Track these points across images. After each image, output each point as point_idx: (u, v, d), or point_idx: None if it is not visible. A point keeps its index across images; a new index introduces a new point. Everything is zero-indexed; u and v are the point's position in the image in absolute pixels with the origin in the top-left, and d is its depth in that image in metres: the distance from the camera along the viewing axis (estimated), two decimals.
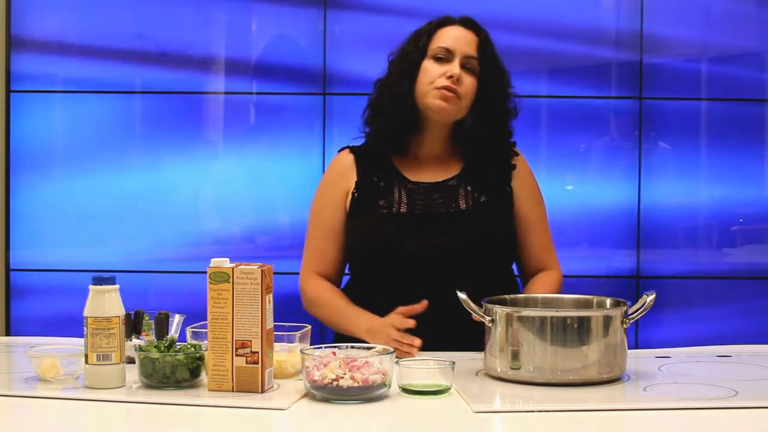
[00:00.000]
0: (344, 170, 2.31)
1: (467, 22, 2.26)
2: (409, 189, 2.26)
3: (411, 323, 2.03)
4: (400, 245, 2.19)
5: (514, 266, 2.34)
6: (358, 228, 2.25)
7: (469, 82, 2.21)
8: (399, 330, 2.02)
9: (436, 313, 2.09)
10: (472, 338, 2.03)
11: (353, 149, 2.34)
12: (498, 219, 2.23)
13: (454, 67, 2.19)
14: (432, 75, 2.20)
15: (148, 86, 3.32)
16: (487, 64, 2.23)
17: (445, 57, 2.22)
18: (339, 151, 2.37)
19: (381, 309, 2.16)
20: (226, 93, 3.35)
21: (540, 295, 2.05)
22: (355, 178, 2.28)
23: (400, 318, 2.05)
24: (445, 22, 2.26)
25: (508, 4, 3.27)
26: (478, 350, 1.93)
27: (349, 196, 2.28)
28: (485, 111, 2.24)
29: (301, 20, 3.31)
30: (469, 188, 2.25)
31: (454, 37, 2.23)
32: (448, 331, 2.08)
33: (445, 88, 2.18)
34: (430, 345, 2.03)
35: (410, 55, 2.25)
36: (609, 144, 3.34)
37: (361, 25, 3.28)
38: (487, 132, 2.26)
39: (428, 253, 2.17)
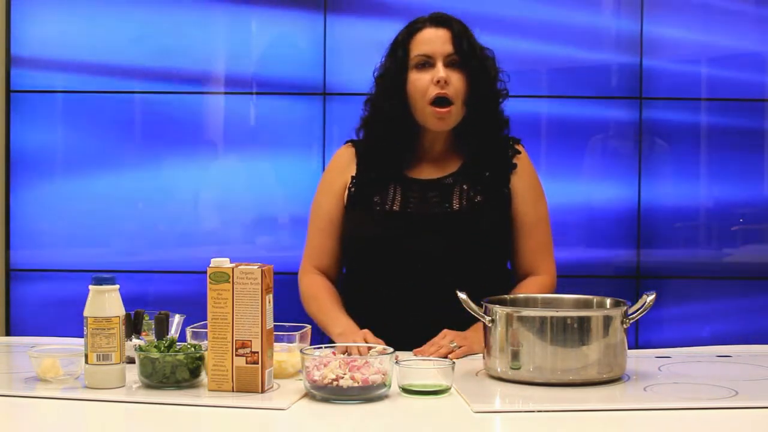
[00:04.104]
0: (344, 165, 2.32)
1: (437, 20, 2.24)
2: (405, 186, 2.26)
3: (381, 342, 2.01)
4: (392, 243, 2.19)
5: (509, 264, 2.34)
6: (352, 223, 2.26)
7: (456, 80, 2.20)
8: (368, 341, 2.01)
9: (427, 311, 2.10)
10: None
11: (356, 143, 2.35)
12: (491, 221, 2.22)
13: (439, 71, 2.18)
14: (421, 87, 2.20)
15: (148, 86, 3.32)
16: (466, 55, 2.21)
17: (426, 63, 2.21)
18: (345, 143, 2.38)
19: (374, 303, 2.17)
20: (226, 93, 3.35)
21: (540, 295, 2.05)
22: (353, 172, 2.29)
23: (371, 334, 2.05)
24: (417, 26, 2.25)
25: (508, 5, 3.27)
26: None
27: (346, 191, 2.28)
28: (478, 100, 2.23)
29: (302, 21, 3.31)
30: (465, 187, 2.24)
31: (428, 40, 2.21)
32: (438, 328, 2.07)
33: (437, 98, 2.18)
34: (425, 343, 2.04)
35: (393, 71, 2.24)
36: (609, 144, 3.33)
37: (362, 26, 3.28)
38: (485, 119, 2.26)
39: (419, 253, 2.17)
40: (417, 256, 2.17)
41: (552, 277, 2.28)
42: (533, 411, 1.62)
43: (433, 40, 2.21)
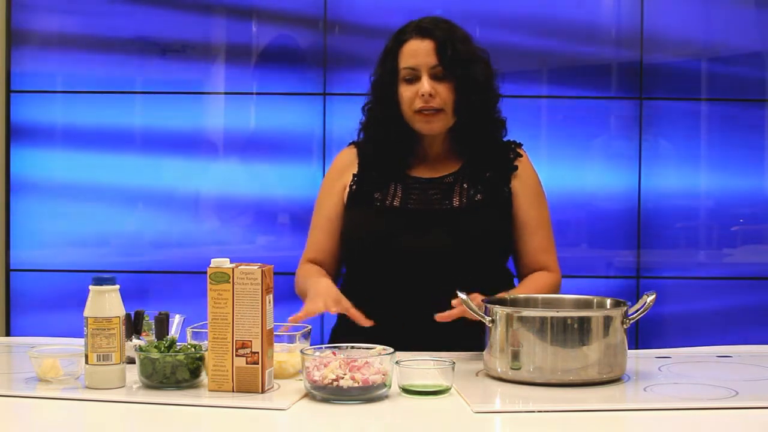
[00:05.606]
0: (345, 166, 2.33)
1: (422, 30, 2.23)
2: (406, 183, 2.27)
3: (355, 314, 2.03)
4: (392, 240, 2.19)
5: (509, 264, 2.34)
6: (352, 220, 2.27)
7: (443, 90, 2.20)
8: (338, 306, 2.03)
9: (427, 310, 2.10)
10: (463, 335, 2.04)
11: (358, 144, 2.36)
12: (491, 218, 2.23)
13: (423, 85, 2.19)
14: (408, 100, 2.22)
15: (148, 86, 3.33)
16: (451, 65, 2.21)
17: (412, 76, 2.22)
18: (348, 145, 2.39)
19: (374, 302, 2.17)
20: (226, 93, 3.35)
21: (540, 296, 2.04)
22: (354, 172, 2.31)
23: (346, 304, 2.05)
24: (403, 37, 2.25)
25: (507, 4, 3.27)
26: (469, 345, 1.95)
27: (347, 189, 2.29)
28: (468, 108, 2.23)
29: (302, 21, 3.31)
30: (465, 186, 2.25)
31: (413, 53, 2.22)
32: (438, 328, 2.08)
33: (422, 109, 2.19)
34: (426, 343, 2.03)
35: (384, 81, 2.26)
36: (609, 144, 3.34)
37: (362, 26, 3.28)
38: (478, 124, 2.26)
39: (419, 250, 2.18)
40: (417, 252, 2.18)
41: (558, 274, 2.29)
42: (533, 411, 1.62)
43: (418, 53, 2.22)
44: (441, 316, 1.98)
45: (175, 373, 1.71)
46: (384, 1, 3.30)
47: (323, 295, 2.06)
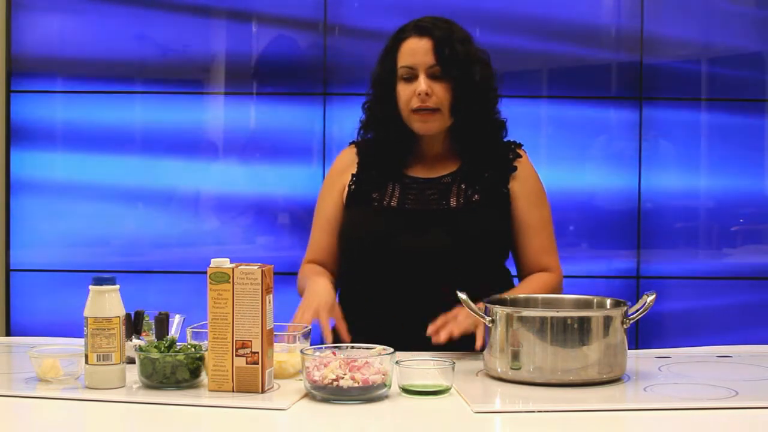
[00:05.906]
0: (345, 166, 2.34)
1: (420, 29, 2.23)
2: (404, 183, 2.27)
3: (341, 328, 2.06)
4: (390, 240, 2.20)
5: (509, 264, 2.34)
6: (350, 220, 2.27)
7: (439, 90, 2.20)
8: (331, 313, 2.06)
9: (427, 310, 2.10)
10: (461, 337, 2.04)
11: (358, 143, 2.36)
12: (489, 218, 2.23)
13: (420, 84, 2.19)
14: (405, 99, 2.22)
15: (148, 86, 3.33)
16: (448, 65, 2.21)
17: (410, 75, 2.22)
18: (348, 145, 2.39)
19: (373, 303, 2.17)
20: (226, 93, 3.35)
21: (540, 296, 2.04)
22: (353, 172, 2.31)
23: (338, 313, 2.08)
24: (403, 36, 2.25)
25: (508, 5, 3.27)
26: (469, 345, 1.96)
27: (346, 189, 2.30)
28: (465, 108, 2.23)
29: (302, 23, 3.31)
30: (463, 186, 2.25)
31: (411, 52, 2.22)
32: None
33: (418, 108, 2.20)
34: (426, 343, 2.03)
35: (383, 80, 2.26)
36: (609, 144, 3.34)
37: (361, 29, 3.28)
38: (476, 125, 2.26)
39: (418, 249, 2.18)
40: (416, 252, 2.18)
41: (558, 274, 2.29)
42: (533, 411, 1.62)
43: (416, 52, 2.21)
44: (436, 341, 2.00)
45: (175, 373, 1.71)
46: (384, 2, 3.30)
47: (317, 300, 2.07)
